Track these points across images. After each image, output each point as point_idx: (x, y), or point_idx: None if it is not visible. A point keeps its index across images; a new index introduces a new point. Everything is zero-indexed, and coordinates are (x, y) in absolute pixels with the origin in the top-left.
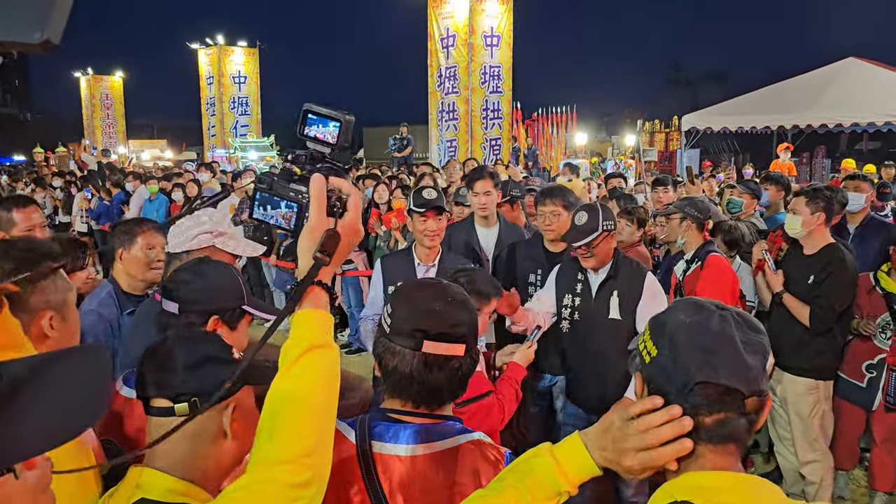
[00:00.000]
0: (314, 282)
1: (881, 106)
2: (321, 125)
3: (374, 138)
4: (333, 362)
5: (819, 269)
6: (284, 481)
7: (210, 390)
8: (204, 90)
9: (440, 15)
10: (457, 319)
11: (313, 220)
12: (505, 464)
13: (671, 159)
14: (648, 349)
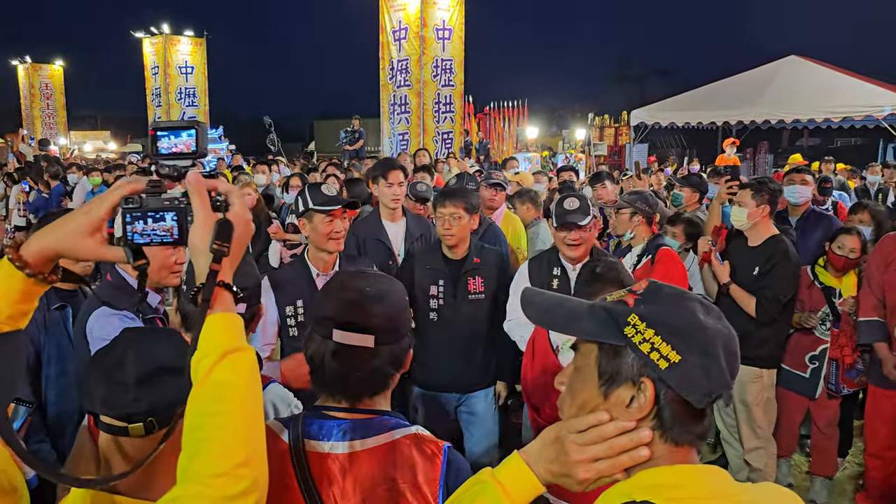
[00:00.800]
0: (218, 283)
1: (821, 103)
2: (173, 137)
3: (324, 131)
4: (251, 365)
5: (763, 261)
6: (216, 494)
7: (165, 406)
8: (149, 80)
9: (392, 7)
10: (368, 311)
11: (199, 217)
12: (442, 458)
13: (620, 153)
14: (664, 353)
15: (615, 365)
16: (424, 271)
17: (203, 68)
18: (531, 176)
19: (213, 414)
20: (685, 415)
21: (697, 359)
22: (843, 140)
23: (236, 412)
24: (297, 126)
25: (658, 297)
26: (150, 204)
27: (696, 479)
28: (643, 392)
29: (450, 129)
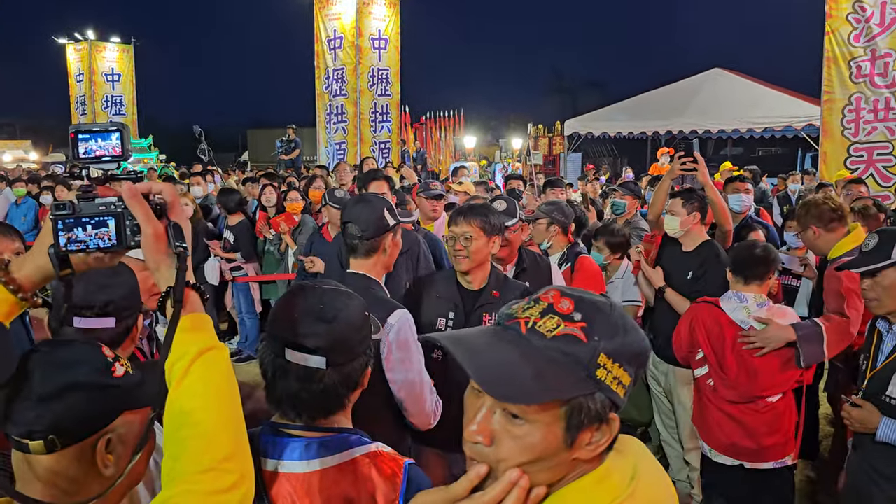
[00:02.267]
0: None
1: (744, 114)
2: (99, 140)
3: (259, 140)
4: (226, 361)
5: (697, 265)
6: (205, 489)
7: (69, 424)
8: (73, 88)
9: (327, 16)
10: (320, 331)
11: (149, 227)
12: (402, 477)
13: (555, 163)
14: (624, 382)
15: (584, 412)
16: (433, 300)
17: (131, 76)
18: (472, 186)
19: (193, 412)
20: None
21: (635, 372)
22: (765, 149)
23: (217, 408)
24: (229, 135)
25: (609, 323)
26: (84, 210)
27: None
28: (610, 427)
29: (387, 138)
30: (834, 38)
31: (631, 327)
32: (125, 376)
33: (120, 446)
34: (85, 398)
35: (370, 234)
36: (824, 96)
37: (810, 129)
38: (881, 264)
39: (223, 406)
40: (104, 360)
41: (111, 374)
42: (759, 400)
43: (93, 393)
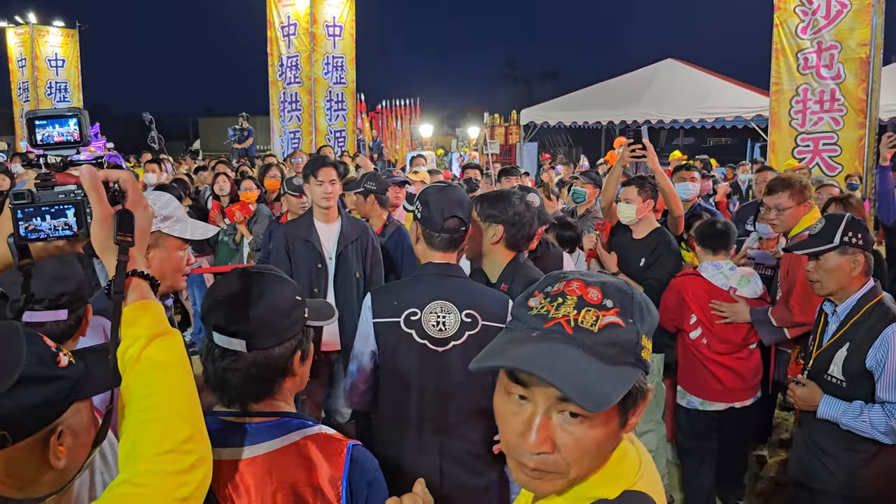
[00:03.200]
0: (130, 273)
1: (695, 104)
2: (57, 126)
3: (210, 129)
4: (179, 346)
5: (649, 252)
6: (166, 470)
7: (20, 418)
8: (15, 73)
9: (280, 3)
10: (241, 313)
11: (98, 211)
12: (346, 456)
13: (511, 152)
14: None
15: (636, 394)
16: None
17: (76, 62)
18: (428, 175)
19: (150, 395)
20: None
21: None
22: (715, 139)
23: (174, 391)
24: (179, 124)
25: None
26: (43, 198)
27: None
28: (645, 398)
29: (342, 127)
30: (782, 31)
31: (648, 301)
32: (69, 366)
33: (70, 437)
34: (33, 391)
35: (467, 227)
36: (773, 87)
37: (759, 120)
38: (823, 247)
39: (180, 388)
40: (48, 350)
41: (56, 364)
42: (744, 348)
43: (41, 385)
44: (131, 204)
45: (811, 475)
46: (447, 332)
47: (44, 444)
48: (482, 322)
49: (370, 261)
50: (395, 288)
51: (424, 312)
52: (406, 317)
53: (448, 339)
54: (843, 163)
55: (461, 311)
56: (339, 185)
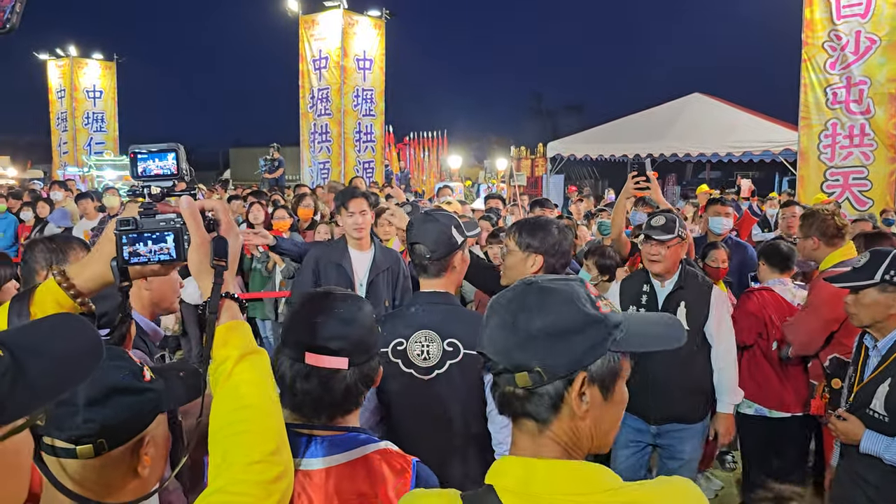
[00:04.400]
0: (223, 295)
1: (723, 138)
2: (157, 160)
3: (240, 159)
4: (266, 365)
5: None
6: (255, 479)
7: (117, 427)
8: (54, 104)
9: (312, 36)
10: (338, 333)
11: (196, 237)
12: (412, 473)
13: (537, 184)
14: None
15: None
16: None
17: (113, 93)
18: (459, 205)
19: (240, 409)
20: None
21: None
22: (743, 173)
23: (262, 406)
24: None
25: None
26: (146, 225)
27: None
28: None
29: (371, 158)
30: (811, 66)
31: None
32: (152, 381)
33: (153, 448)
34: (129, 401)
35: (440, 254)
36: (801, 122)
37: (788, 154)
38: (864, 283)
39: (267, 405)
40: (136, 365)
41: (143, 378)
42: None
43: (134, 396)
44: (224, 231)
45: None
46: (431, 361)
47: (132, 453)
48: (463, 350)
49: (400, 289)
50: (387, 318)
51: (410, 342)
52: (393, 346)
53: (432, 368)
54: (874, 197)
55: (444, 340)
56: (370, 215)
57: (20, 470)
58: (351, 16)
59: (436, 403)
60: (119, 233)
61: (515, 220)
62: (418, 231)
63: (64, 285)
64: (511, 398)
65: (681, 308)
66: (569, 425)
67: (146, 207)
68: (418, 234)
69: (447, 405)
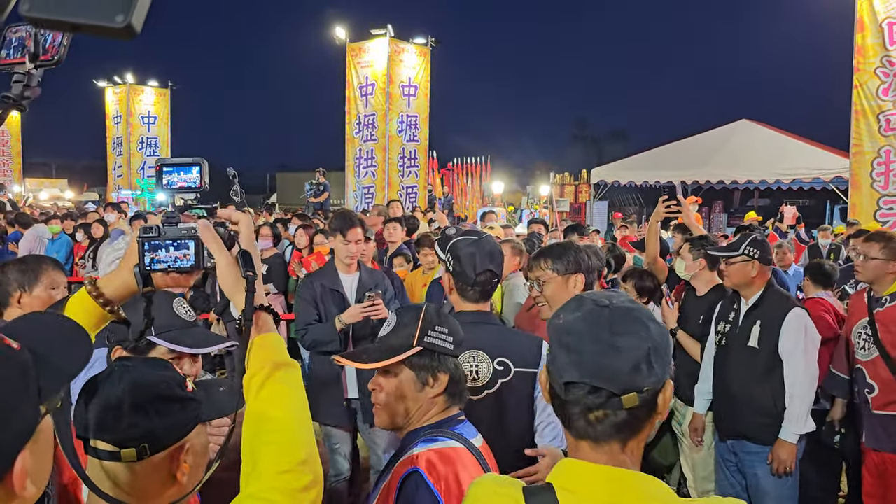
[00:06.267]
0: (257, 307)
1: (771, 165)
2: (182, 172)
3: (286, 183)
4: (298, 376)
5: (706, 309)
6: (285, 488)
7: (160, 432)
8: (111, 129)
9: (359, 64)
10: None
11: (221, 259)
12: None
13: (581, 210)
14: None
15: None
16: None
17: (166, 118)
18: (502, 230)
19: (271, 420)
20: (562, 407)
21: (553, 350)
22: (792, 201)
23: (293, 417)
24: (256, 178)
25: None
26: (168, 233)
27: (606, 478)
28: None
29: (414, 183)
30: (862, 92)
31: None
32: (194, 391)
33: (192, 456)
34: (172, 409)
35: (500, 277)
36: (853, 149)
37: (839, 182)
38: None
39: (298, 415)
40: (178, 375)
41: (185, 388)
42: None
43: (177, 404)
44: (246, 244)
45: None
46: (481, 381)
47: (172, 460)
48: (514, 369)
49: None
50: None
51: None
52: None
53: (482, 388)
54: None
55: (493, 360)
56: (362, 245)
57: (51, 445)
58: (397, 43)
59: (485, 422)
60: (142, 239)
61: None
62: (482, 255)
63: (94, 294)
64: (606, 421)
65: (756, 327)
66: (642, 437)
67: (169, 216)
68: (484, 260)
69: (496, 424)
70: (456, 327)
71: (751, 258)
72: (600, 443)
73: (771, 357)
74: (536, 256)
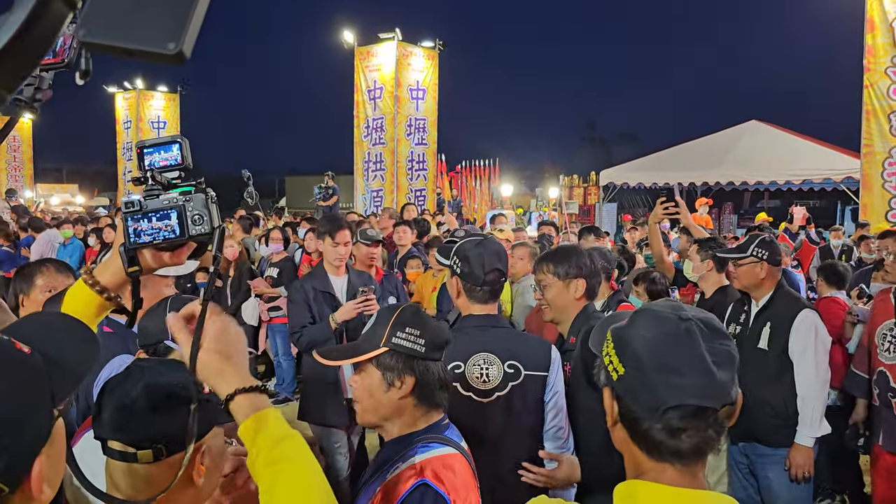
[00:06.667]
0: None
1: (781, 166)
2: (162, 152)
3: (295, 187)
4: (302, 444)
5: (709, 309)
6: None
7: (176, 433)
8: (121, 134)
9: (367, 67)
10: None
11: (190, 350)
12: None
13: (590, 212)
14: (615, 365)
15: (598, 375)
16: None
17: (176, 123)
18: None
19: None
20: (651, 429)
21: (636, 373)
22: (803, 202)
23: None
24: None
25: (636, 314)
26: (150, 205)
27: (667, 499)
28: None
29: (423, 186)
30: (873, 92)
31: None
32: (210, 393)
33: (209, 458)
34: (188, 410)
35: (506, 276)
36: (864, 149)
37: (850, 182)
38: None
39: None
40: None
41: (202, 390)
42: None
43: (193, 405)
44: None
45: None
46: (491, 384)
47: (189, 461)
48: (525, 372)
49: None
50: None
51: (468, 365)
52: (450, 370)
53: (492, 391)
54: None
55: (504, 362)
56: (350, 247)
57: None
58: (405, 47)
59: (494, 425)
60: (125, 215)
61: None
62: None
63: (90, 283)
64: (697, 438)
65: (766, 328)
66: None
67: (149, 190)
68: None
69: (505, 427)
70: (436, 331)
71: (759, 259)
72: (688, 464)
73: (780, 359)
74: (539, 260)
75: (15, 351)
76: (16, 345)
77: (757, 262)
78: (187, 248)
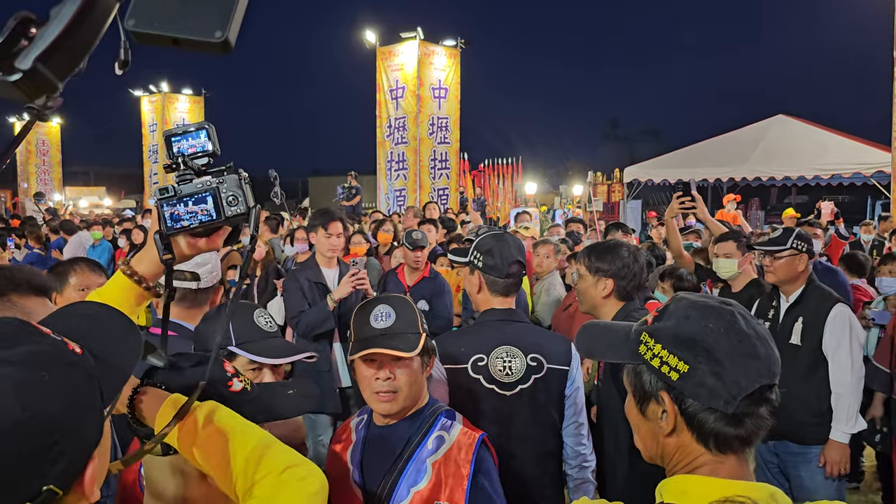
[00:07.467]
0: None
1: (809, 161)
2: (189, 139)
3: (319, 187)
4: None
5: (744, 303)
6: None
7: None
8: (147, 137)
9: (389, 67)
10: None
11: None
12: None
13: (614, 210)
14: (673, 365)
15: (639, 383)
16: None
17: None
18: (536, 230)
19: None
20: (718, 422)
21: (706, 366)
22: (832, 197)
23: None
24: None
25: (668, 311)
26: (184, 190)
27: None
28: (663, 405)
29: (445, 185)
30: None
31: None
32: (242, 392)
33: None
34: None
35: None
36: (895, 143)
37: (880, 177)
38: None
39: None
40: (224, 374)
41: (227, 387)
42: None
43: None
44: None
45: None
46: (514, 377)
47: None
48: (547, 365)
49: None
50: (460, 335)
51: (491, 357)
52: (473, 362)
53: (515, 384)
54: None
55: (527, 356)
56: (343, 239)
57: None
58: (427, 46)
59: (517, 418)
60: (159, 201)
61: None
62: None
63: (128, 273)
64: (764, 420)
65: (798, 323)
66: None
67: (181, 175)
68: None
69: (528, 419)
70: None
71: (799, 251)
72: (746, 451)
73: (814, 354)
74: (584, 250)
75: (69, 353)
76: (68, 345)
77: (797, 255)
78: (223, 232)
